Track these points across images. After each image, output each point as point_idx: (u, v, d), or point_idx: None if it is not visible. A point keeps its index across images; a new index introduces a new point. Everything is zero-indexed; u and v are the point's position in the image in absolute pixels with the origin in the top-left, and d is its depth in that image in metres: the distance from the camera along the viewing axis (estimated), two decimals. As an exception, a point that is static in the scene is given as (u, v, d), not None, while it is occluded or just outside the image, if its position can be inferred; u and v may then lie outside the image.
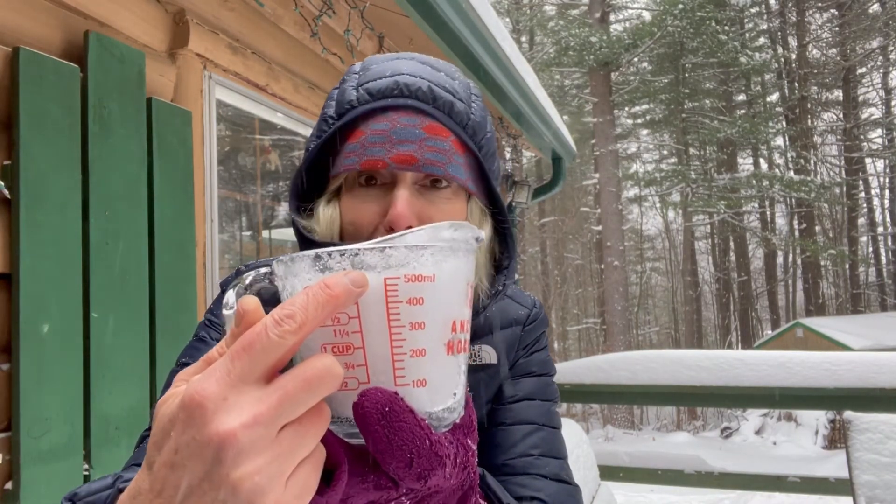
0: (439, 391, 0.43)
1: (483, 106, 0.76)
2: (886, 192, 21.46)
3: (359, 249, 0.39)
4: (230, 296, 0.44)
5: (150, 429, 0.69)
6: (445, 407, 0.44)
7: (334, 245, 0.69)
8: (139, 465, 0.63)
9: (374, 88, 0.70)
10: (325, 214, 0.72)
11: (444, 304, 0.42)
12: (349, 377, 0.40)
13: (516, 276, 0.77)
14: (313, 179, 0.75)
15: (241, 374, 0.32)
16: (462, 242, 0.46)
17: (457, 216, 0.71)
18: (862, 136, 20.62)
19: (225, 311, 0.43)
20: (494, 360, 0.80)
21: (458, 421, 0.46)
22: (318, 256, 0.39)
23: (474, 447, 0.48)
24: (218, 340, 0.74)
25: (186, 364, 0.73)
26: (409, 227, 0.67)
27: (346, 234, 0.71)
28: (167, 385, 0.73)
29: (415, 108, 0.69)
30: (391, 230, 0.67)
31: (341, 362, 0.39)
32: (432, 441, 0.42)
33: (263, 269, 0.45)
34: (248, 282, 0.45)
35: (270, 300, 0.75)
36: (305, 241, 0.72)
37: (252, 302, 0.36)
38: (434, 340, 0.42)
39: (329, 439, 0.42)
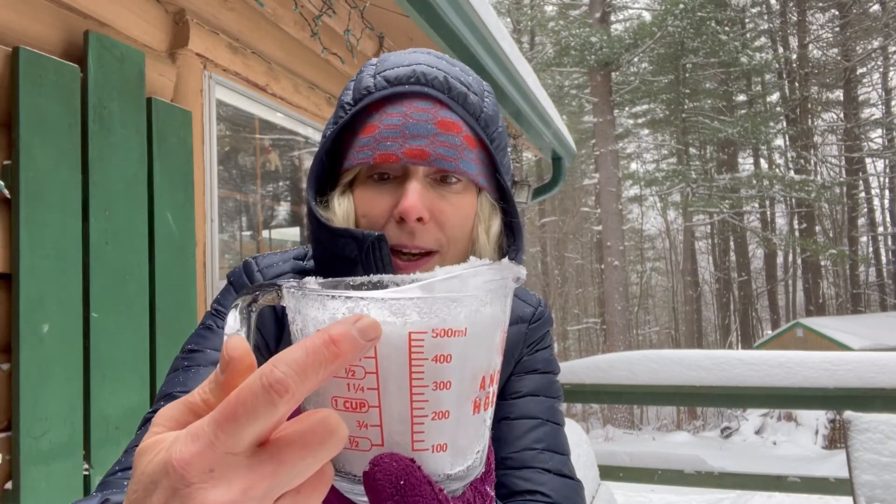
0: (461, 453, 0.39)
1: (495, 102, 0.78)
2: (886, 192, 21.44)
3: (382, 297, 0.35)
4: (232, 317, 0.38)
5: (153, 411, 0.69)
6: (466, 466, 0.40)
7: (350, 231, 0.69)
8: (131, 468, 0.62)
9: (391, 76, 0.71)
10: (342, 207, 0.73)
11: (474, 359, 0.38)
12: (361, 437, 0.36)
13: None
14: (328, 167, 0.77)
15: (226, 446, 0.28)
16: (500, 286, 0.40)
17: (467, 210, 0.72)
18: (862, 136, 20.61)
19: (226, 335, 0.38)
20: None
21: (478, 476, 0.43)
22: (333, 297, 0.35)
23: (492, 493, 0.46)
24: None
25: (193, 351, 0.72)
26: (420, 219, 0.68)
27: (361, 227, 0.73)
28: (172, 370, 0.72)
29: (430, 96, 0.70)
30: (402, 221, 0.68)
31: (353, 420, 0.36)
32: None
33: (268, 289, 0.40)
34: (248, 300, 0.39)
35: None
36: (321, 228, 0.72)
37: (239, 346, 0.31)
38: (460, 401, 0.38)
39: (332, 501, 0.39)
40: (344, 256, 0.70)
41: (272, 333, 0.75)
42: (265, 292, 0.40)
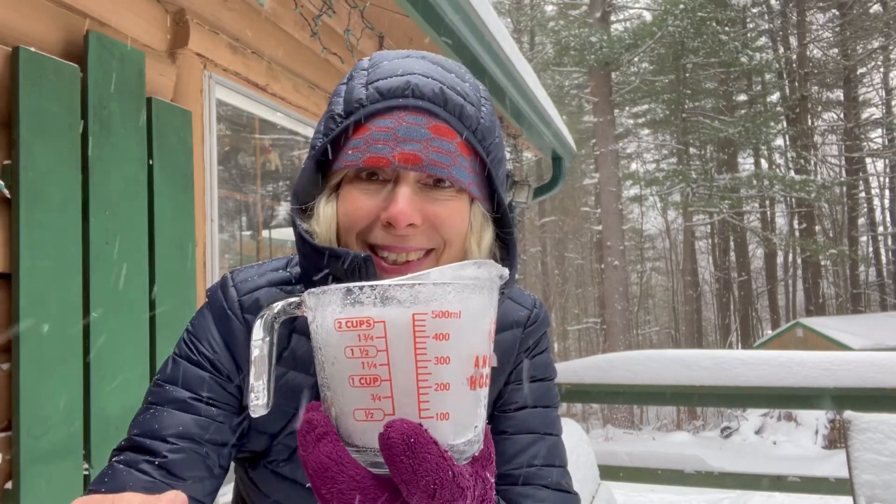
0: (461, 424, 0.45)
1: (492, 110, 0.75)
2: (886, 192, 21.44)
3: (389, 285, 0.41)
4: (258, 328, 0.46)
5: (136, 436, 0.70)
6: (466, 440, 0.45)
7: (334, 250, 0.68)
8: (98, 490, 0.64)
9: (384, 87, 0.68)
10: (326, 212, 0.70)
11: (468, 340, 0.44)
12: (375, 409, 0.42)
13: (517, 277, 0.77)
14: (317, 178, 0.73)
15: None
16: (486, 280, 0.47)
17: (459, 215, 0.70)
18: (862, 136, 20.60)
19: (253, 344, 0.47)
20: (494, 364, 0.78)
21: (476, 454, 0.47)
22: (349, 290, 0.41)
23: (492, 479, 0.49)
24: (197, 363, 0.73)
25: (159, 385, 0.72)
26: (411, 225, 0.66)
27: (341, 227, 0.70)
28: (144, 400, 0.73)
29: (425, 109, 0.67)
30: (389, 226, 0.66)
31: (368, 394, 0.42)
32: (455, 473, 0.43)
33: (293, 300, 0.47)
34: (276, 311, 0.47)
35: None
36: (305, 244, 0.70)
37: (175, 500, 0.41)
38: (458, 375, 0.43)
39: (358, 473, 0.43)
40: (329, 272, 0.69)
41: (244, 357, 0.75)
42: (289, 303, 0.47)
